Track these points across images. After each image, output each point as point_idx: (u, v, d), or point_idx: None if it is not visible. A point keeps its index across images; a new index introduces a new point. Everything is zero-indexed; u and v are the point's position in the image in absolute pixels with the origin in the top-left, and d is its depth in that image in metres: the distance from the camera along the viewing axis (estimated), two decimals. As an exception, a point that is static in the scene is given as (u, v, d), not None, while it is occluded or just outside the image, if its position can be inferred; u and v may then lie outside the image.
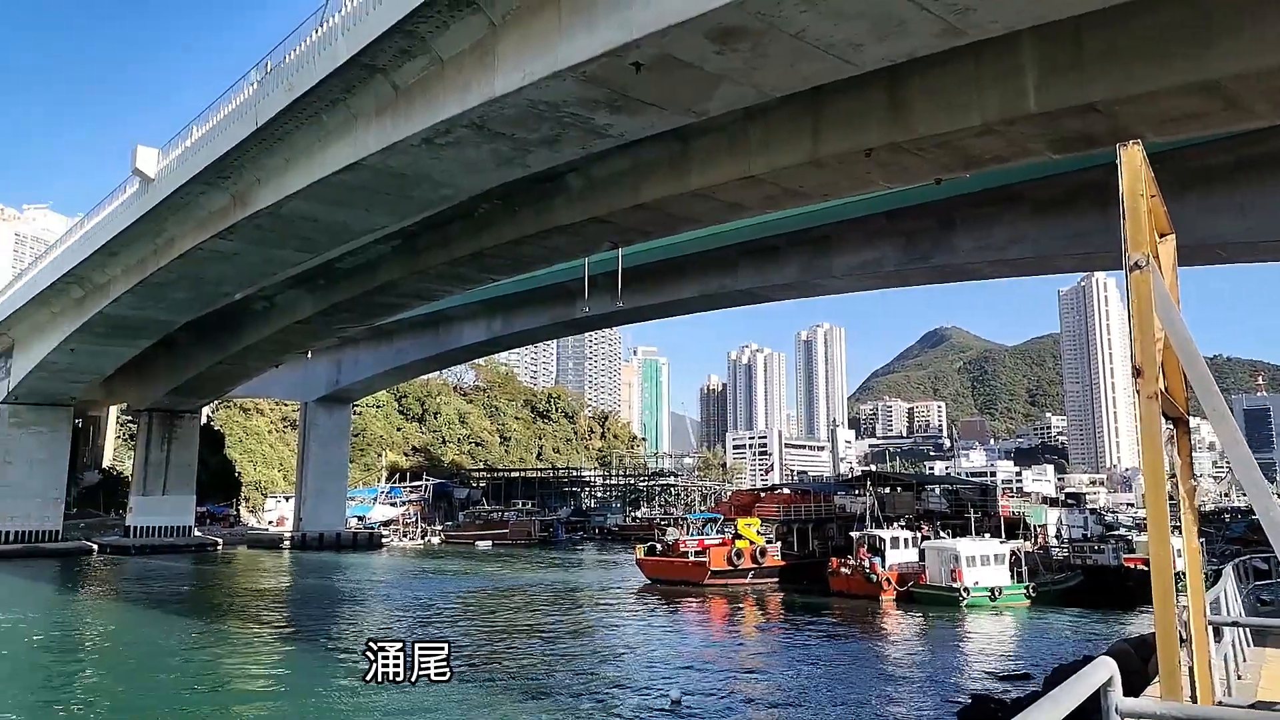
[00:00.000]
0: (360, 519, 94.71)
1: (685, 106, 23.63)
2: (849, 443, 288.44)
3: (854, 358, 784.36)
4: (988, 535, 46.05)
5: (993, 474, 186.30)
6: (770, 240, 50.20)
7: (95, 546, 73.34)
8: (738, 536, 49.43)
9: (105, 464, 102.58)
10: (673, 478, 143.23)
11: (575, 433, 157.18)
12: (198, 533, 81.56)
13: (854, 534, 45.89)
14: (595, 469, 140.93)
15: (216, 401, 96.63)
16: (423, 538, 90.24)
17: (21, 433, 72.00)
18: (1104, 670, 3.82)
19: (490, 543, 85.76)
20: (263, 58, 32.18)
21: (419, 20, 23.08)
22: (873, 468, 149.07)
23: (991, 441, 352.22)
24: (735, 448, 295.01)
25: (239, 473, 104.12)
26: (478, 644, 31.59)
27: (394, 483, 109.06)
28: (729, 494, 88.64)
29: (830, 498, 59.04)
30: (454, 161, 29.12)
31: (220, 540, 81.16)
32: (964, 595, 39.28)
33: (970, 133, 22.99)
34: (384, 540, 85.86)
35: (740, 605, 42.24)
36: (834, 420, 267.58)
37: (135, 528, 77.78)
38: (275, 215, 36.37)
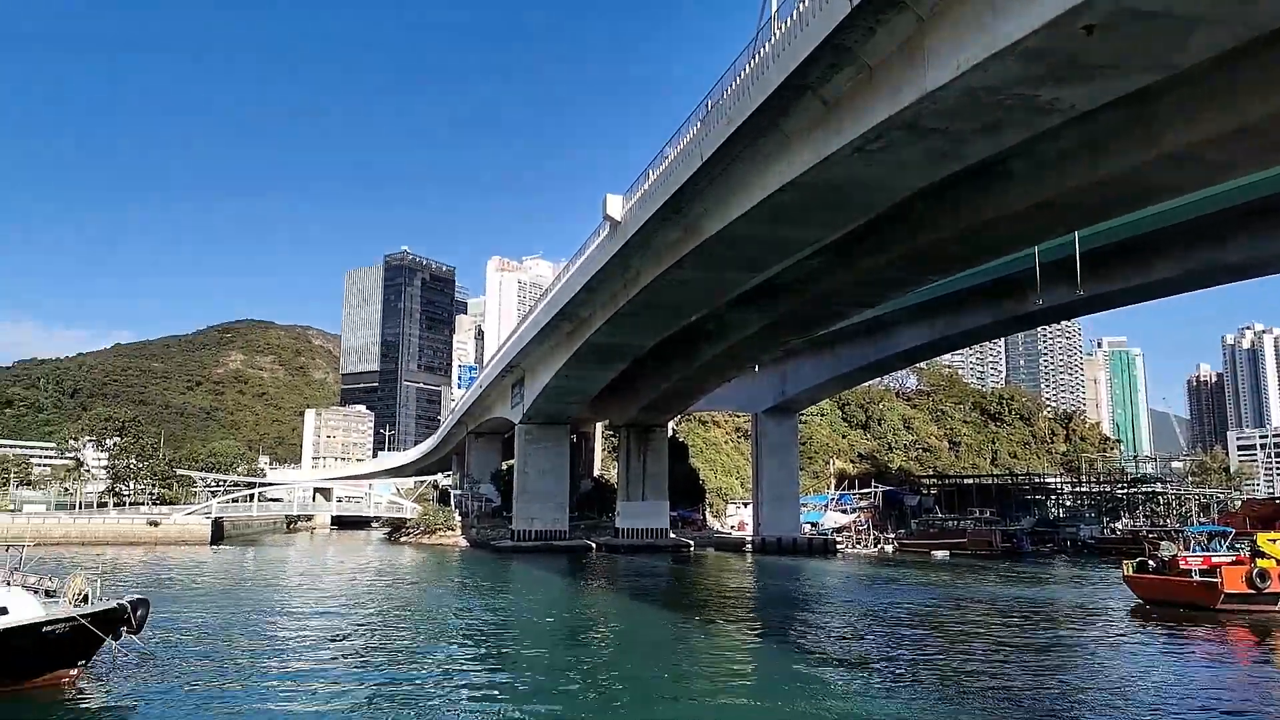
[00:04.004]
0: (813, 525, 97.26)
1: (1149, 63, 20.74)
2: None
3: None
4: None
5: None
6: (1271, 200, 41.75)
7: (593, 545, 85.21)
8: (1259, 554, 41.22)
9: (595, 473, 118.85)
10: (1158, 484, 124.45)
11: (1033, 435, 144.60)
12: (672, 535, 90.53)
13: None
14: (1060, 475, 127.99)
15: (679, 416, 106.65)
16: (875, 545, 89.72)
17: (534, 448, 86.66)
18: None
19: (947, 552, 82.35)
20: (703, 98, 35.08)
21: (845, 32, 23.35)
22: None
23: None
24: (1241, 448, 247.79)
25: (702, 480, 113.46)
26: (932, 654, 30.56)
27: (843, 490, 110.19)
28: (1240, 503, 74.52)
29: (1393, 509, 46.59)
30: (886, 165, 28.90)
31: (691, 542, 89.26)
32: None
33: None
34: (838, 546, 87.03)
35: (1270, 638, 35.22)
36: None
37: (622, 529, 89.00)
38: (721, 240, 39.30)
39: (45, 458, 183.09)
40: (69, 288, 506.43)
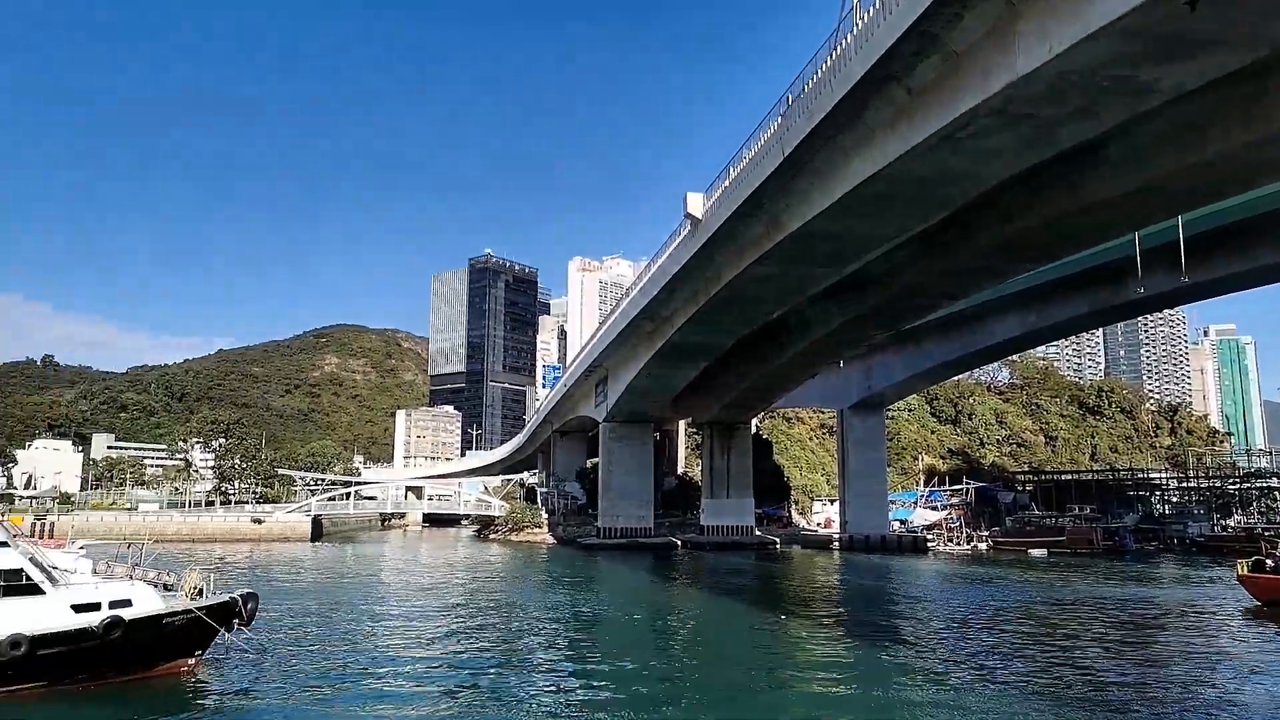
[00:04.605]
0: (902, 522, 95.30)
1: (1256, 37, 19.73)
2: None
3: None
4: None
5: None
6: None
7: (678, 542, 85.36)
8: (1386, 553, 38.76)
9: (679, 471, 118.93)
10: (1274, 479, 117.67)
11: (1136, 429, 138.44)
12: (757, 533, 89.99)
13: None
14: (1165, 470, 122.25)
15: (763, 412, 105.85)
16: (968, 543, 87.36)
17: (618, 446, 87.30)
18: None
19: (1045, 551, 79.69)
20: (783, 92, 34.77)
21: (931, 19, 22.87)
22: None
23: None
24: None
25: (787, 477, 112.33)
26: (1033, 656, 29.65)
27: (932, 486, 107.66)
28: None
29: None
30: (973, 154, 28.21)
31: (777, 540, 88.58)
32: None
33: None
34: (928, 544, 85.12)
35: (1399, 642, 33.07)
36: None
37: (706, 527, 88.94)
38: (804, 236, 38.91)
39: (157, 459, 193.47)
40: (174, 297, 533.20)
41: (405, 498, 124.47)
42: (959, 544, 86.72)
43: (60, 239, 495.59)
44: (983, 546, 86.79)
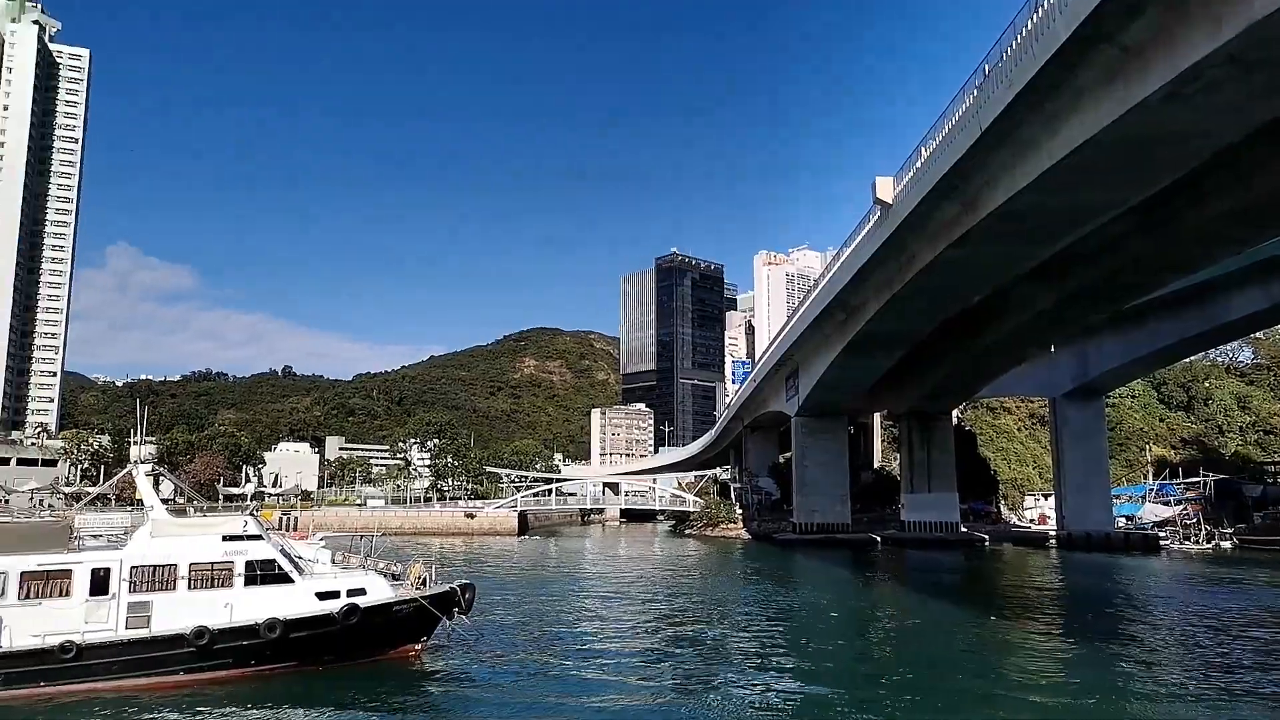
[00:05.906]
0: (1129, 519, 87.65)
1: None
2: None
3: None
4: None
5: None
6: None
7: (876, 538, 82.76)
8: None
9: (875, 464, 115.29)
10: None
11: None
12: (963, 529, 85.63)
13: None
14: None
15: (965, 403, 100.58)
16: (1209, 541, 78.92)
17: (811, 440, 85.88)
18: None
19: (1303, 551, 70.69)
20: (979, 63, 32.91)
21: (1147, -32, 20.91)
22: None
23: None
24: None
25: (994, 471, 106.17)
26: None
27: (1163, 479, 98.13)
28: None
29: None
30: (1203, 109, 25.47)
31: (985, 537, 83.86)
32: None
33: None
34: (1160, 543, 77.68)
35: None
36: None
37: (907, 522, 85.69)
38: (1005, 214, 36.61)
39: (381, 458, 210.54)
40: (390, 308, 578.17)
41: (603, 494, 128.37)
42: (1197, 542, 78.55)
43: (294, 258, 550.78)
44: (1226, 545, 78.13)
